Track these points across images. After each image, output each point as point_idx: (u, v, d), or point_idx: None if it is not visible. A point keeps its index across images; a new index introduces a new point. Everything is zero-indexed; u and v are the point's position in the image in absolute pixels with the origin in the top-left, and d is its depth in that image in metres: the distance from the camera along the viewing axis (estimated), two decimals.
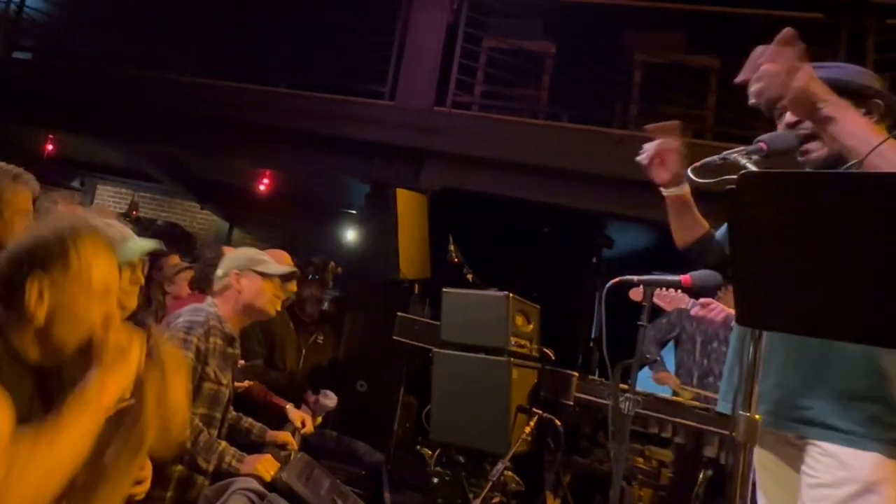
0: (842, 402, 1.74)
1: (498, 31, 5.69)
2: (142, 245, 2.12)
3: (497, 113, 5.46)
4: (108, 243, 1.47)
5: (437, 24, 5.70)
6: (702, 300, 3.04)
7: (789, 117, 1.90)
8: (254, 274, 2.68)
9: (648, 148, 2.05)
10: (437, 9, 5.74)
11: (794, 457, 1.86)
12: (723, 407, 2.01)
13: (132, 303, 2.04)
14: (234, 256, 2.77)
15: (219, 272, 2.70)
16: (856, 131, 1.60)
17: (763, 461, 1.97)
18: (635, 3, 5.28)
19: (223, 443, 2.50)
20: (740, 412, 1.93)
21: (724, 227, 2.21)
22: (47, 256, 1.38)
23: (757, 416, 1.94)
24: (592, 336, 5.48)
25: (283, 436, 3.10)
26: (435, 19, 5.71)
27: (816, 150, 1.85)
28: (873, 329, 1.36)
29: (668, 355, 4.36)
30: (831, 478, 1.72)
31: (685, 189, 2.07)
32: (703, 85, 5.21)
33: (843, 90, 1.80)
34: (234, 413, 3.07)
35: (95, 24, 6.94)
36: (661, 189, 2.07)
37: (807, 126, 1.84)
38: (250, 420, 3.17)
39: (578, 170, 4.94)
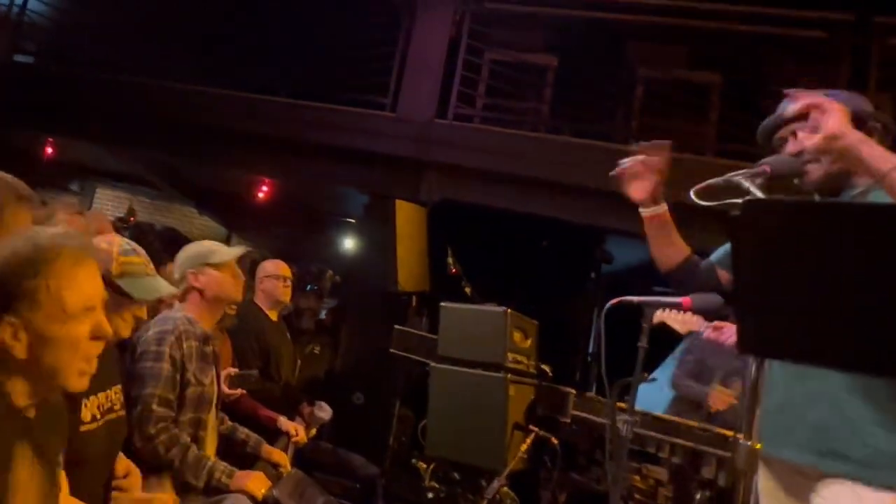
0: (861, 436, 1.71)
1: (500, 43, 5.69)
2: (164, 289, 2.15)
3: (498, 126, 5.46)
4: (81, 260, 1.40)
5: (439, 35, 5.71)
6: (715, 323, 3.03)
7: (791, 146, 1.91)
8: (208, 268, 2.68)
9: (627, 161, 2.04)
10: (440, 21, 5.75)
11: (803, 486, 1.82)
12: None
13: (126, 332, 2.08)
14: (186, 256, 2.75)
15: (176, 275, 2.69)
16: (882, 155, 1.64)
17: (770, 490, 1.94)
18: (638, 17, 5.28)
19: (212, 458, 2.50)
20: (740, 440, 1.91)
21: (720, 250, 2.19)
22: (10, 297, 1.32)
23: (758, 445, 1.93)
24: (590, 351, 5.47)
25: (278, 454, 3.08)
26: (437, 31, 5.72)
27: (815, 171, 1.87)
28: (874, 359, 1.35)
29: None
30: None
31: (663, 208, 2.07)
32: (704, 101, 5.23)
33: None
34: (229, 423, 3.06)
35: (97, 30, 6.94)
36: (640, 209, 2.05)
37: (808, 155, 1.85)
38: (246, 431, 3.15)
39: (579, 184, 4.92)
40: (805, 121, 1.83)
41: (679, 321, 3.04)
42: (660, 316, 2.97)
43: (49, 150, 7.65)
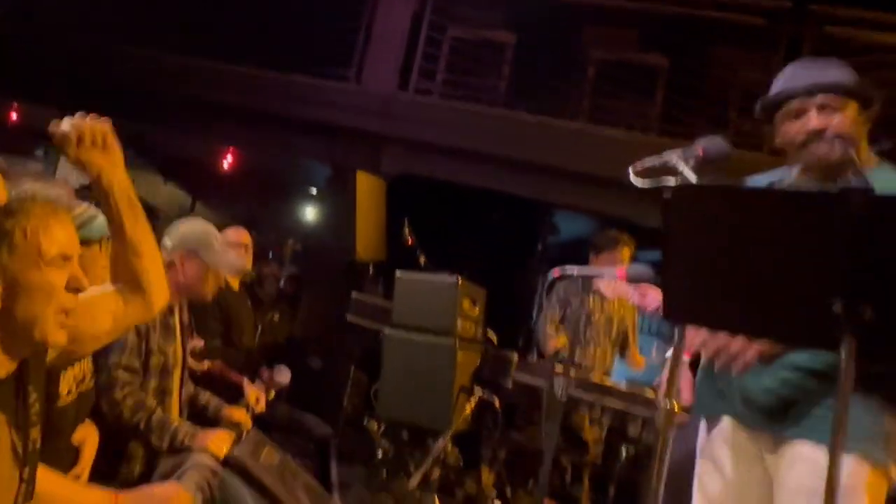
0: (815, 400, 1.78)
1: (462, 20, 5.82)
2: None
3: (457, 101, 5.61)
4: (56, 211, 1.43)
5: (403, 10, 5.82)
6: (640, 288, 3.25)
7: (814, 122, 1.87)
8: (200, 261, 2.68)
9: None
10: None
11: (753, 458, 1.92)
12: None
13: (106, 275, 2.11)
14: (187, 234, 2.71)
15: (167, 243, 2.66)
16: None
17: (716, 455, 2.01)
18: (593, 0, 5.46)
19: (176, 420, 2.59)
20: (660, 401, 2.10)
21: None
22: None
23: (676, 406, 2.14)
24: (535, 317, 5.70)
25: (238, 414, 3.20)
26: (402, 6, 5.83)
27: (827, 151, 1.85)
28: (782, 329, 1.52)
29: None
30: (810, 483, 1.74)
31: None
32: (651, 82, 5.43)
33: (861, 96, 1.87)
34: (191, 387, 3.19)
35: None
36: None
37: (830, 134, 1.85)
38: (208, 395, 3.28)
39: (530, 160, 5.13)
40: (832, 94, 1.85)
41: (610, 288, 3.27)
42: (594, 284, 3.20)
43: (14, 115, 7.64)
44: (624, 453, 3.49)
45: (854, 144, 1.85)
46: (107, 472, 2.30)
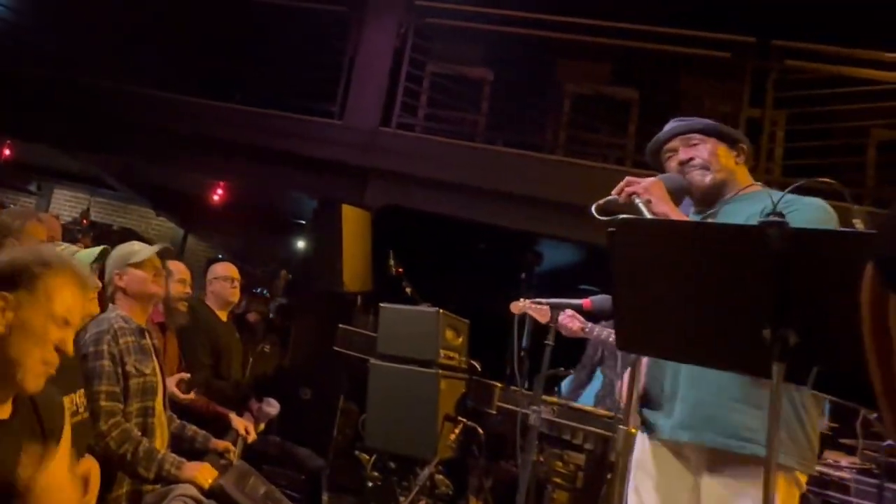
0: (732, 411, 1.92)
1: (441, 56, 6.00)
2: (89, 254, 2.38)
3: (438, 135, 5.78)
4: (80, 284, 1.63)
5: (385, 48, 5.99)
6: (568, 311, 3.40)
7: (682, 155, 2.16)
8: (130, 268, 2.83)
9: None
10: (386, 33, 6.04)
11: (682, 469, 2.06)
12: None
13: (95, 308, 2.28)
14: (111, 259, 2.88)
15: (105, 279, 2.84)
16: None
17: (644, 465, 2.15)
18: (566, 36, 5.64)
19: (162, 450, 2.66)
20: (620, 426, 2.23)
21: None
22: (16, 278, 1.54)
23: (633, 430, 2.26)
24: (523, 346, 5.77)
25: (224, 444, 3.30)
26: (383, 44, 6.00)
27: (701, 178, 2.12)
28: (722, 357, 1.60)
29: None
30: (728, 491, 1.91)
31: None
32: (624, 115, 5.61)
33: (719, 134, 2.15)
34: (177, 421, 3.25)
35: (57, 32, 7.05)
36: None
37: (696, 162, 2.13)
38: (194, 428, 3.35)
39: (512, 191, 5.28)
40: (688, 135, 2.16)
41: (539, 312, 3.40)
42: (522, 307, 3.35)
43: (7, 151, 7.76)
44: (608, 477, 3.57)
45: (719, 172, 2.13)
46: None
